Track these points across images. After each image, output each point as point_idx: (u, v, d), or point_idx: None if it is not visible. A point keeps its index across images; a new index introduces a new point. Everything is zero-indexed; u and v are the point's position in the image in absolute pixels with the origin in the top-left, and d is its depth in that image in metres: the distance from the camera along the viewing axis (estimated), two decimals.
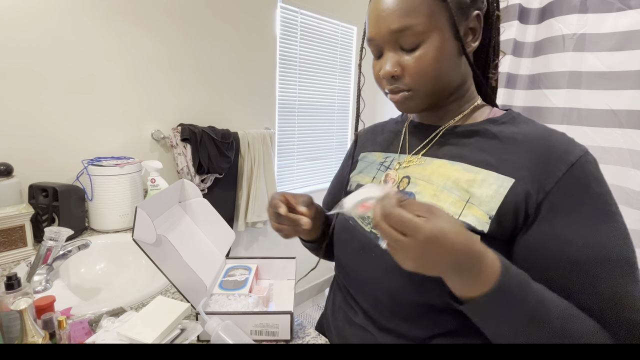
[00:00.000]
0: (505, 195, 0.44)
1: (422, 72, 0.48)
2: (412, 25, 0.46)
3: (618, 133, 1.08)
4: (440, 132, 0.55)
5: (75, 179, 1.19)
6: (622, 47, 1.06)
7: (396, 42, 0.48)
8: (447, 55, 0.48)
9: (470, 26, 0.50)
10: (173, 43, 1.44)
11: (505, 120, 0.52)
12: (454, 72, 0.51)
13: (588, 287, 0.42)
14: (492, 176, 0.46)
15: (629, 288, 0.41)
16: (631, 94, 1.05)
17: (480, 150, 0.49)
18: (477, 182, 0.47)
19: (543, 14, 1.21)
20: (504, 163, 0.46)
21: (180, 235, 0.74)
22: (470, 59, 0.51)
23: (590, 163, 0.45)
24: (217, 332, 0.57)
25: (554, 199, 0.43)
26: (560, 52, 1.15)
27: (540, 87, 1.22)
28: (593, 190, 0.44)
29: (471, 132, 0.52)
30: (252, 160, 1.73)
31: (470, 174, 0.48)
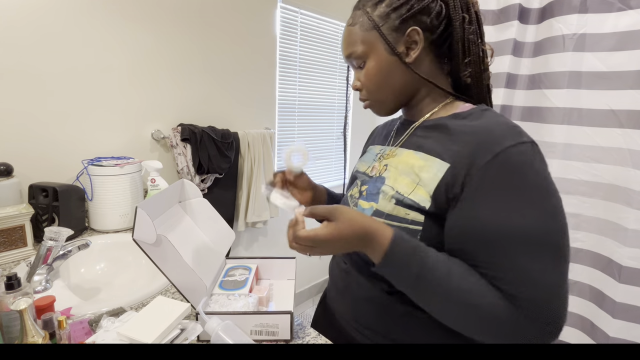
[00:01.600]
0: (440, 178, 0.53)
1: (370, 84, 0.62)
2: (352, 52, 0.61)
3: (618, 133, 1.08)
4: (413, 127, 0.64)
5: (75, 179, 1.19)
6: (622, 47, 1.06)
7: (352, 64, 0.64)
8: (387, 68, 0.60)
9: (410, 40, 0.58)
10: (173, 43, 1.44)
11: (466, 115, 0.58)
12: (404, 79, 0.61)
13: (490, 261, 0.49)
14: (436, 162, 0.55)
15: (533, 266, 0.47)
16: (631, 94, 1.05)
17: (435, 141, 0.58)
18: (425, 168, 0.55)
19: (543, 14, 1.21)
20: (447, 151, 0.54)
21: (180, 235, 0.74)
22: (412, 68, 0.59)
23: (520, 154, 0.49)
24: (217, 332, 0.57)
25: (475, 183, 0.50)
26: (560, 52, 1.15)
27: (540, 87, 1.22)
28: (512, 179, 0.49)
29: (433, 126, 0.60)
30: (252, 160, 1.73)
31: (423, 161, 0.57)
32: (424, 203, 0.53)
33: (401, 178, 0.58)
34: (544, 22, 1.20)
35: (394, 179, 0.59)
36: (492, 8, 1.30)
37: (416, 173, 0.56)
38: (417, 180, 0.55)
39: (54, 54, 1.15)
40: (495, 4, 1.29)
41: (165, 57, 1.42)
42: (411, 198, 0.55)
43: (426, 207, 0.53)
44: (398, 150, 0.63)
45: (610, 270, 1.10)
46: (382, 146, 0.71)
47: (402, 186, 0.57)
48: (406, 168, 0.58)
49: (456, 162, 0.52)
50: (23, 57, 1.10)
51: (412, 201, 0.54)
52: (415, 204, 0.54)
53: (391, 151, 0.65)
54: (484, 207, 0.49)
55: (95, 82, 1.26)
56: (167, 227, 0.72)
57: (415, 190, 0.55)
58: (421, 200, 0.54)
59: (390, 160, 0.63)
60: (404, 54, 0.59)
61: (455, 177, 0.51)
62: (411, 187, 0.55)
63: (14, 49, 1.08)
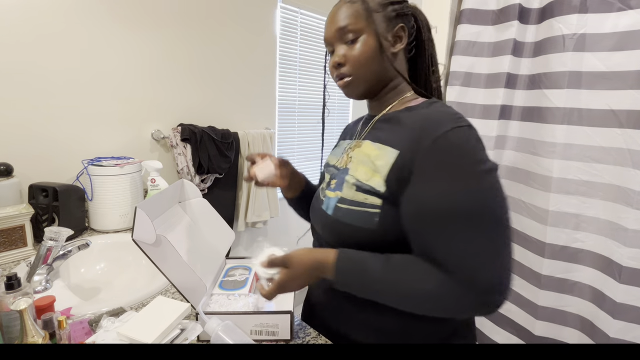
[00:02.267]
0: (391, 164, 0.58)
1: (357, 61, 0.63)
2: (349, 24, 0.63)
3: (618, 133, 1.08)
4: (374, 121, 0.69)
5: (75, 179, 1.19)
6: (622, 47, 1.06)
7: (341, 38, 0.64)
8: (375, 50, 0.63)
9: (396, 34, 0.64)
10: (173, 43, 1.44)
11: (415, 108, 0.64)
12: (384, 66, 0.64)
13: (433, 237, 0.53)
14: (387, 150, 0.60)
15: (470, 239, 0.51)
16: (631, 94, 1.05)
17: (389, 132, 0.63)
18: (379, 156, 0.60)
19: (543, 14, 1.21)
20: (395, 140, 0.60)
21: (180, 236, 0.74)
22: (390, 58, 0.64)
23: (456, 137, 0.54)
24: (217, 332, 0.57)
25: (419, 166, 0.54)
26: (560, 52, 1.15)
27: (540, 87, 1.22)
28: (450, 159, 0.53)
29: (388, 118, 0.66)
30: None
31: (378, 150, 0.62)
32: (379, 187, 0.59)
33: (360, 167, 0.63)
34: (544, 22, 1.20)
35: (355, 169, 0.64)
36: (492, 8, 1.30)
37: (372, 161, 0.61)
38: (374, 167, 0.60)
39: (54, 54, 1.15)
40: (495, 4, 1.29)
41: (165, 57, 1.42)
42: (368, 184, 0.60)
43: (381, 191, 0.58)
44: (361, 142, 0.68)
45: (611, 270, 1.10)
46: (350, 140, 0.76)
47: (360, 174, 0.62)
48: (364, 158, 0.64)
49: (404, 148, 0.57)
50: (24, 58, 1.10)
51: (369, 186, 0.60)
52: (372, 189, 0.59)
53: (356, 144, 0.70)
54: (426, 188, 0.54)
55: (95, 82, 1.26)
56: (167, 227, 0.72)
57: (372, 177, 0.60)
58: (377, 185, 0.59)
59: (355, 152, 0.68)
60: (390, 44, 0.64)
61: (403, 162, 0.56)
62: (369, 175, 0.61)
63: (15, 49, 1.08)
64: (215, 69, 1.60)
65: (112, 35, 1.27)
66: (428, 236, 0.54)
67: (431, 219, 0.53)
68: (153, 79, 1.41)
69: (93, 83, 1.25)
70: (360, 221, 0.60)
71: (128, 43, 1.31)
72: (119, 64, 1.31)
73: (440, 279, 0.52)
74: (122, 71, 1.32)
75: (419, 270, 0.54)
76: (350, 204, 0.62)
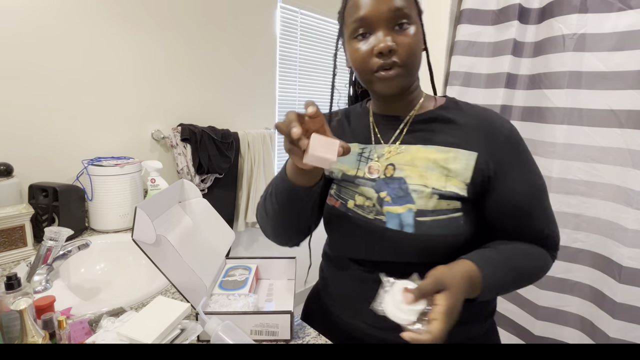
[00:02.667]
0: (474, 166, 0.58)
1: (412, 49, 0.57)
2: (406, 6, 0.56)
3: (618, 133, 1.08)
4: (408, 122, 0.64)
5: (75, 179, 1.19)
6: (622, 47, 1.06)
7: (393, 20, 0.56)
8: (421, 41, 0.60)
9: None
10: (173, 43, 1.44)
11: (450, 107, 0.64)
12: (420, 60, 0.62)
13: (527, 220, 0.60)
14: (460, 153, 0.59)
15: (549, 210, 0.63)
16: (631, 94, 1.05)
17: (443, 134, 0.61)
18: (450, 160, 0.59)
19: (543, 14, 1.21)
20: (464, 141, 0.59)
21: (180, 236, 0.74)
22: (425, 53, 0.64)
23: (515, 130, 0.62)
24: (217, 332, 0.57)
25: (502, 161, 0.59)
26: (560, 52, 1.15)
27: (541, 87, 1.22)
28: (522, 149, 0.61)
29: (431, 119, 0.63)
30: (252, 160, 1.73)
31: (443, 154, 0.59)
32: (462, 192, 0.58)
33: (428, 174, 0.59)
34: (544, 22, 1.20)
35: (420, 176, 0.59)
36: (492, 8, 1.30)
37: (442, 166, 0.59)
38: (445, 172, 0.58)
39: (54, 54, 1.15)
40: (495, 4, 1.29)
41: (165, 57, 1.42)
42: (449, 190, 0.58)
43: (465, 195, 0.58)
44: (402, 147, 0.62)
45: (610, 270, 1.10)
46: (363, 145, 0.67)
47: (433, 181, 0.59)
48: (427, 163, 0.60)
49: (480, 148, 0.58)
50: (24, 58, 1.10)
51: (451, 192, 0.58)
52: (454, 194, 0.58)
53: (393, 149, 0.63)
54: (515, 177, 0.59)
55: (95, 82, 1.26)
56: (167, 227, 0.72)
57: (448, 182, 0.58)
58: (459, 190, 0.58)
59: (397, 158, 0.62)
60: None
61: (485, 162, 0.58)
62: (443, 180, 0.58)
63: (15, 50, 1.08)
64: (215, 68, 1.60)
65: (112, 35, 1.27)
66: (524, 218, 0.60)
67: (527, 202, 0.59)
68: (153, 79, 1.40)
69: (93, 83, 1.25)
70: (449, 229, 0.57)
71: (128, 43, 1.31)
72: (119, 64, 1.31)
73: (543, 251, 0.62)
74: (122, 71, 1.32)
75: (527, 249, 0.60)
76: (433, 214, 0.57)
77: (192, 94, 1.54)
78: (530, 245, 0.61)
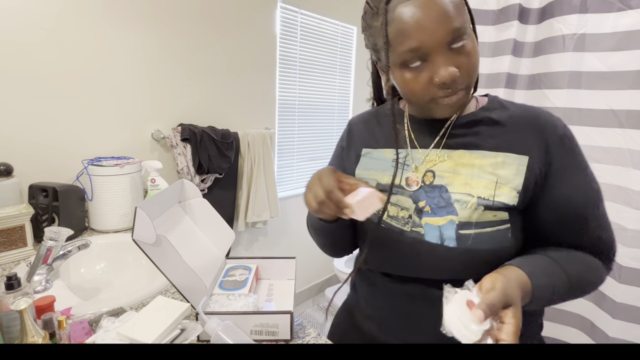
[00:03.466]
0: (525, 171, 0.53)
1: (474, 67, 0.52)
2: (459, 25, 0.48)
3: (618, 133, 1.08)
4: (449, 127, 0.59)
5: (75, 179, 1.19)
6: (622, 47, 1.06)
7: (449, 43, 0.49)
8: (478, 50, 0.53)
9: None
10: (173, 43, 1.44)
11: (495, 107, 0.59)
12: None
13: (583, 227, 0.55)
14: (509, 157, 0.54)
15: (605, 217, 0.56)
16: (631, 94, 1.05)
17: (489, 137, 0.56)
18: (499, 165, 0.54)
19: (543, 14, 1.21)
20: (513, 144, 0.55)
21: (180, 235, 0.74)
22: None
23: (568, 129, 0.56)
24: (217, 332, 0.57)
25: (556, 166, 0.54)
26: (560, 52, 1.15)
27: (541, 87, 1.22)
28: (576, 149, 0.56)
29: (474, 122, 0.58)
30: (252, 160, 1.73)
31: (490, 159, 0.55)
32: (512, 201, 0.53)
33: (474, 182, 0.54)
34: (544, 22, 1.20)
35: (464, 184, 0.55)
36: (492, 8, 1.30)
37: (490, 172, 0.54)
38: (495, 179, 0.54)
39: (54, 54, 1.15)
40: (495, 4, 1.29)
41: (165, 57, 1.42)
42: (498, 200, 0.53)
43: (515, 204, 0.53)
44: (444, 153, 0.57)
45: None
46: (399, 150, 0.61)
47: (480, 189, 0.54)
48: (473, 170, 0.55)
49: (532, 152, 0.54)
50: (24, 58, 1.10)
51: (501, 203, 0.53)
52: (503, 204, 0.53)
53: (435, 155, 0.58)
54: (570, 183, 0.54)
55: (95, 82, 1.26)
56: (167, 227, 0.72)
57: (498, 190, 0.53)
58: (508, 200, 0.53)
59: (438, 165, 0.57)
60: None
61: (538, 166, 0.54)
62: (491, 188, 0.53)
63: (15, 50, 1.08)
64: (215, 68, 1.60)
65: (112, 35, 1.27)
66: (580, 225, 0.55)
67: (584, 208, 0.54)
68: (153, 79, 1.40)
69: (93, 83, 1.25)
70: (496, 242, 0.52)
71: (128, 43, 1.31)
72: (119, 64, 1.31)
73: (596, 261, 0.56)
74: (123, 71, 1.32)
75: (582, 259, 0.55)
76: (478, 226, 0.52)
77: (192, 94, 1.54)
78: (585, 255, 0.55)
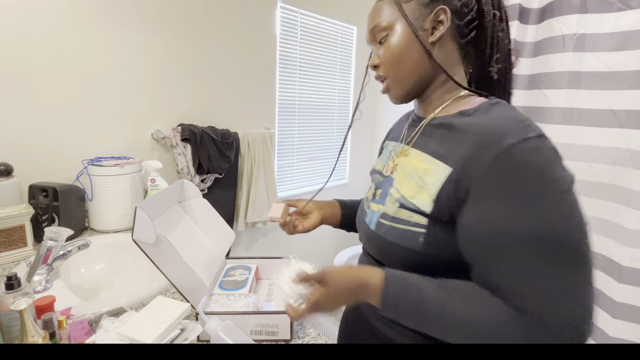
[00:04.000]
0: (442, 183, 0.51)
1: (389, 59, 0.59)
2: (378, 23, 0.59)
3: (618, 133, 1.08)
4: (422, 125, 0.61)
5: (75, 179, 1.19)
6: (622, 47, 1.06)
7: (375, 38, 0.61)
8: (407, 44, 0.57)
9: (437, 19, 0.56)
10: (173, 43, 1.44)
11: (472, 112, 0.54)
12: (421, 60, 0.57)
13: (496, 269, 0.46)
14: (440, 166, 0.52)
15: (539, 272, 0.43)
16: (631, 94, 1.05)
17: (440, 142, 0.55)
18: (429, 172, 0.54)
19: (543, 14, 1.21)
20: (449, 153, 0.52)
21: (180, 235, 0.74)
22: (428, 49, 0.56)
23: (523, 152, 0.44)
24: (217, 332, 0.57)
25: (477, 186, 0.47)
26: (560, 52, 1.15)
27: (540, 87, 1.22)
28: (515, 177, 0.44)
29: (440, 125, 0.57)
30: (252, 160, 1.73)
31: (427, 164, 0.55)
32: (426, 207, 0.52)
33: (407, 181, 0.58)
34: (544, 22, 1.20)
35: (400, 181, 0.59)
36: None
37: (420, 177, 0.55)
38: (422, 183, 0.54)
39: (54, 54, 1.15)
40: None
41: (165, 57, 1.42)
42: (413, 202, 0.54)
43: (427, 212, 0.52)
44: (409, 150, 0.62)
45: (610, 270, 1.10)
46: (395, 143, 0.70)
47: (406, 189, 0.57)
48: (412, 171, 0.58)
49: (458, 165, 0.49)
50: (24, 58, 1.10)
51: (414, 205, 0.54)
52: (416, 208, 0.53)
53: (403, 150, 0.64)
54: (488, 211, 0.46)
55: (95, 83, 1.26)
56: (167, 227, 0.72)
57: (418, 195, 0.54)
58: (423, 205, 0.53)
59: (401, 159, 0.63)
60: (429, 33, 0.56)
61: (458, 182, 0.49)
62: (414, 191, 0.55)
63: (15, 50, 1.08)
64: (215, 68, 1.59)
65: (112, 35, 1.27)
66: (490, 265, 0.46)
67: (495, 247, 0.45)
68: (153, 79, 1.40)
69: (93, 83, 1.25)
70: (404, 240, 0.54)
71: (128, 43, 1.31)
72: (119, 64, 1.31)
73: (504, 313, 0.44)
74: (122, 71, 1.32)
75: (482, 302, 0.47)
76: (392, 220, 0.56)
77: (192, 94, 1.54)
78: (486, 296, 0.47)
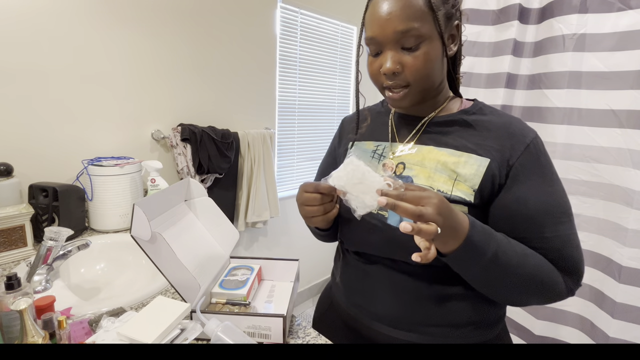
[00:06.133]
0: (484, 173, 0.57)
1: (419, 70, 0.56)
2: (414, 27, 0.53)
3: (618, 133, 1.08)
4: (425, 123, 0.64)
5: (75, 179, 1.19)
6: (622, 47, 1.06)
7: (398, 42, 0.55)
8: (437, 56, 0.57)
9: (451, 33, 0.59)
10: (173, 43, 1.44)
11: (475, 111, 0.63)
12: (440, 72, 0.60)
13: (537, 234, 0.56)
14: (472, 158, 0.58)
15: (568, 232, 0.56)
16: (631, 94, 1.05)
17: (459, 137, 0.60)
18: (461, 164, 0.58)
19: (543, 14, 1.21)
20: (479, 147, 0.58)
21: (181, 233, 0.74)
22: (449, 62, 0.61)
23: (539, 143, 0.59)
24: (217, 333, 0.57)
25: (515, 171, 0.57)
26: (561, 52, 1.15)
27: (540, 87, 1.22)
28: (541, 163, 0.58)
29: (450, 122, 0.63)
30: (252, 160, 1.73)
31: (454, 157, 0.59)
32: (469, 197, 0.56)
33: (436, 176, 0.58)
34: (544, 22, 1.20)
35: (427, 177, 0.59)
36: (492, 8, 1.30)
37: (451, 169, 0.58)
38: (454, 176, 0.57)
39: (54, 54, 1.15)
40: (495, 4, 1.29)
41: (165, 57, 1.42)
42: (455, 195, 0.57)
43: (472, 201, 0.56)
44: (415, 147, 0.63)
45: (610, 270, 1.10)
46: (378, 142, 0.68)
47: (439, 184, 0.58)
48: (437, 165, 0.59)
49: (495, 156, 0.57)
50: (24, 57, 1.10)
51: (457, 197, 0.56)
52: (460, 199, 0.56)
53: (406, 148, 0.64)
54: (527, 190, 0.56)
55: (95, 83, 1.26)
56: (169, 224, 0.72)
57: (456, 187, 0.57)
58: (465, 195, 0.56)
59: (408, 158, 0.62)
60: (449, 46, 0.58)
61: (499, 169, 0.56)
62: (449, 184, 0.57)
63: (15, 49, 1.08)
64: (215, 68, 1.60)
65: (112, 35, 1.27)
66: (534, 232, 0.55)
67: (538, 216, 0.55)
68: (153, 78, 1.40)
69: (93, 83, 1.25)
70: None
71: (128, 42, 1.31)
72: (119, 64, 1.31)
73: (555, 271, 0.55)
74: (122, 71, 1.32)
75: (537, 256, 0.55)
76: None
77: (192, 94, 1.54)
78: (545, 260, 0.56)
